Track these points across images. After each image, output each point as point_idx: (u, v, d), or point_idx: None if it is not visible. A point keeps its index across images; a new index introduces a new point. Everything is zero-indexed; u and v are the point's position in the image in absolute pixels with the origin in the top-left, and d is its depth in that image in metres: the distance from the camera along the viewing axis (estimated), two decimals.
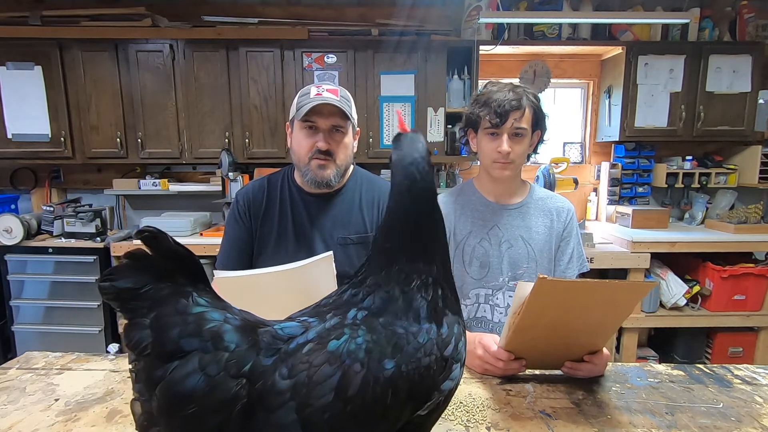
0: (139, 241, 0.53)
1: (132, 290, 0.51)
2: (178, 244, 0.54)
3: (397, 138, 0.68)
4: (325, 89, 1.22)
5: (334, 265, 0.95)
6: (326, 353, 0.55)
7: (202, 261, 2.05)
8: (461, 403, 0.96)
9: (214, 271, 0.96)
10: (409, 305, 0.61)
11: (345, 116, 1.23)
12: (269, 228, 1.33)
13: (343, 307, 0.62)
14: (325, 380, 0.53)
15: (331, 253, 0.94)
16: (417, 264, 0.63)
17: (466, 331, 1.27)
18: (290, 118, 1.31)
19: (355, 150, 1.35)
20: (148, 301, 0.51)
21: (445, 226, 0.69)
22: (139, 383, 0.52)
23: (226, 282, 0.94)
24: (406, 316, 0.60)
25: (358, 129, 1.37)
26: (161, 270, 0.53)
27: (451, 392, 0.62)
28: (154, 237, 0.51)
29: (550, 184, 2.66)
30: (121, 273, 0.51)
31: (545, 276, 0.86)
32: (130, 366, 0.53)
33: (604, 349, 1.07)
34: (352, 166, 1.39)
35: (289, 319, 0.63)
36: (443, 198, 1.45)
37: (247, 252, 1.35)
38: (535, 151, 1.38)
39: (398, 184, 0.64)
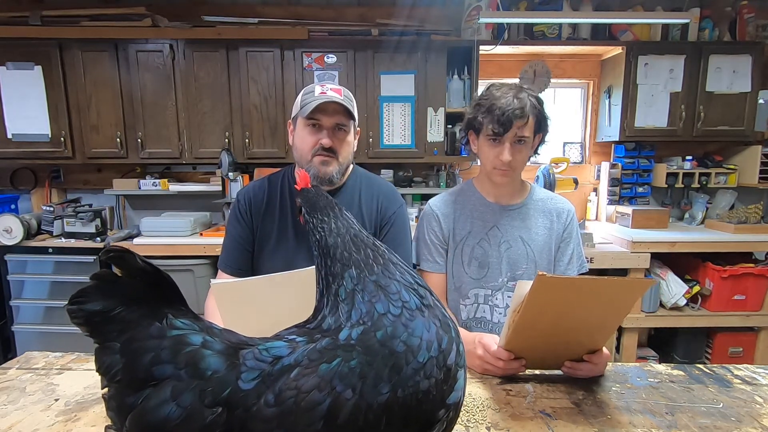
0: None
1: (102, 313, 0.48)
2: (148, 263, 0.51)
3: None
4: (330, 88, 1.24)
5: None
6: (316, 378, 0.51)
7: (202, 261, 2.08)
8: None
9: (211, 281, 0.96)
10: (397, 303, 0.58)
11: (348, 115, 1.25)
12: (270, 226, 1.34)
13: (332, 332, 0.59)
14: (314, 407, 0.50)
15: None
16: (369, 267, 0.61)
17: (466, 331, 1.28)
18: (293, 116, 1.32)
19: (354, 149, 1.36)
20: (119, 324, 0.49)
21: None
22: (111, 411, 0.50)
23: (222, 289, 0.94)
24: (401, 317, 0.57)
25: (358, 128, 1.38)
26: (133, 291, 0.50)
27: (459, 404, 0.59)
28: (120, 257, 0.49)
29: (550, 184, 2.66)
30: (90, 296, 0.48)
31: (544, 273, 0.86)
32: (102, 393, 0.50)
33: (604, 349, 1.07)
34: (351, 165, 1.40)
35: (277, 337, 0.60)
36: (443, 197, 1.45)
37: (249, 250, 1.36)
38: (535, 152, 1.37)
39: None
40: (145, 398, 0.48)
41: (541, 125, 1.29)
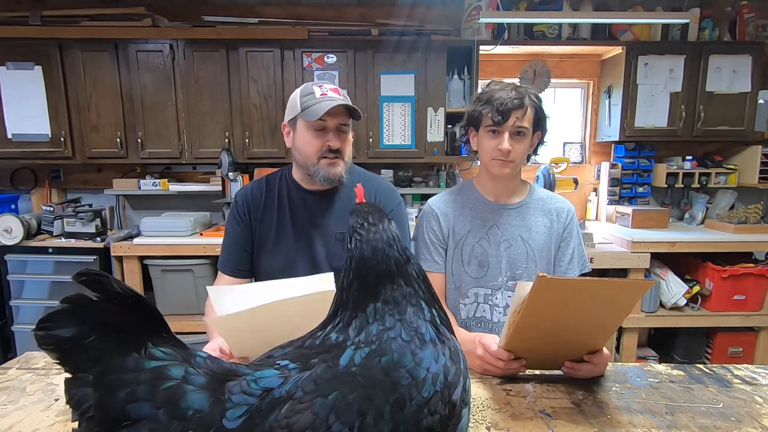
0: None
1: (73, 341, 0.42)
2: (127, 287, 0.47)
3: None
4: (328, 88, 1.25)
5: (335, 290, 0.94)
6: (310, 415, 0.46)
7: (202, 261, 2.07)
8: None
9: (207, 288, 0.96)
10: (410, 332, 0.54)
11: (349, 115, 1.27)
12: (269, 226, 1.35)
13: (333, 350, 0.54)
14: None
15: (332, 274, 0.94)
16: (400, 288, 0.57)
17: (465, 331, 1.27)
18: (291, 117, 1.31)
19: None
20: (92, 353, 0.43)
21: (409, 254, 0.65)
22: None
23: (222, 322, 0.94)
24: (411, 344, 0.53)
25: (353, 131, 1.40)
26: (109, 317, 0.44)
27: None
28: (96, 281, 0.43)
29: (550, 184, 2.66)
30: (61, 320, 0.42)
31: (544, 274, 0.86)
32: (73, 427, 0.45)
33: (604, 349, 1.07)
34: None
35: (267, 363, 0.55)
36: (442, 197, 1.45)
37: (248, 251, 1.36)
38: (535, 152, 1.38)
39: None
40: None
41: (539, 120, 1.30)
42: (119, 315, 0.45)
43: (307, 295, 0.93)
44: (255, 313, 0.94)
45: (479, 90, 1.36)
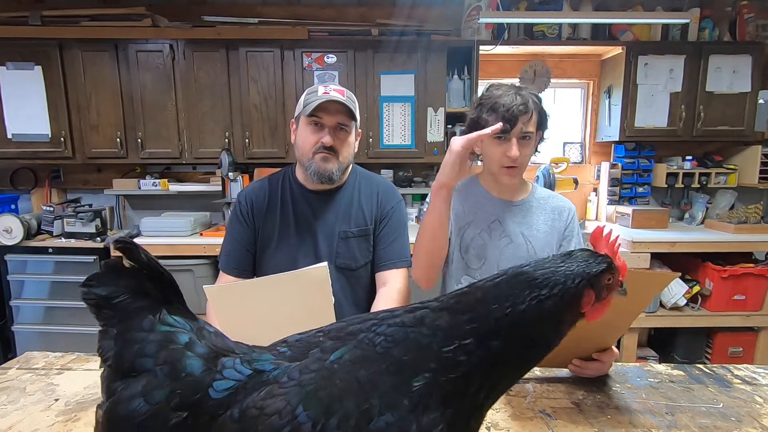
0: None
1: (106, 298, 0.51)
2: (152, 258, 0.52)
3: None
4: (333, 89, 1.27)
5: (329, 275, 0.95)
6: (282, 401, 0.48)
7: (202, 261, 2.08)
8: None
9: (204, 287, 0.96)
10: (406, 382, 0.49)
11: (350, 115, 1.28)
12: (272, 225, 1.35)
13: (341, 339, 0.54)
14: None
15: (325, 264, 0.94)
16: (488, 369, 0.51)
17: None
18: (296, 115, 1.34)
19: (355, 150, 1.38)
20: (119, 312, 0.51)
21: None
22: (102, 392, 0.51)
23: (216, 293, 0.94)
24: (396, 379, 0.48)
25: (359, 130, 1.40)
26: (136, 283, 0.51)
27: None
28: (126, 249, 0.50)
29: (550, 184, 2.66)
30: (100, 280, 0.51)
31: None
32: (101, 373, 0.52)
33: (613, 347, 1.07)
34: (351, 165, 1.42)
35: (274, 346, 0.57)
36: None
37: (251, 251, 1.37)
38: (536, 150, 1.38)
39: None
40: (122, 388, 0.48)
41: (542, 122, 1.30)
42: (144, 282, 0.52)
43: (299, 270, 0.94)
44: (250, 287, 0.95)
45: (479, 92, 1.36)
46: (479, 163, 1.41)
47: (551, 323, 0.53)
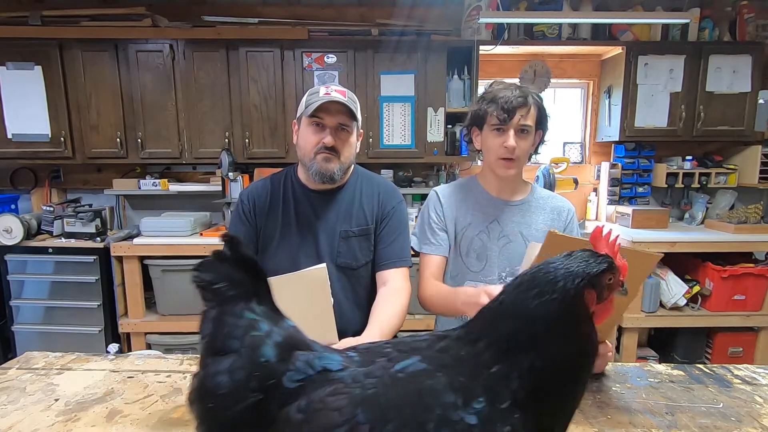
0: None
1: (209, 283, 0.57)
2: (250, 254, 0.59)
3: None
4: (334, 89, 1.27)
5: (327, 277, 0.95)
6: (345, 400, 0.51)
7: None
8: None
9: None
10: (495, 380, 0.51)
11: (351, 116, 1.28)
12: (273, 224, 1.36)
13: (406, 352, 0.57)
14: (330, 428, 0.50)
15: (324, 265, 0.94)
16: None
17: (471, 286, 1.28)
18: (298, 115, 1.35)
19: (357, 150, 1.38)
20: (218, 297, 0.57)
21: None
22: (198, 367, 0.57)
23: None
24: (462, 396, 0.50)
25: (361, 130, 1.41)
26: (235, 274, 0.57)
27: None
28: (230, 242, 0.57)
29: (550, 184, 2.67)
30: (206, 267, 0.57)
31: (555, 230, 0.86)
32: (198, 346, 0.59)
33: (607, 341, 1.07)
34: (353, 165, 1.42)
35: (344, 350, 0.61)
36: (447, 186, 1.48)
37: (253, 249, 1.37)
38: (536, 151, 1.39)
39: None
40: (212, 363, 0.54)
41: (542, 119, 1.32)
42: (242, 274, 0.58)
43: (299, 272, 0.94)
44: None
45: (481, 90, 1.38)
46: (479, 162, 1.42)
47: (564, 324, 0.53)
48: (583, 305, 0.55)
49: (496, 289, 1.07)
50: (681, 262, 2.99)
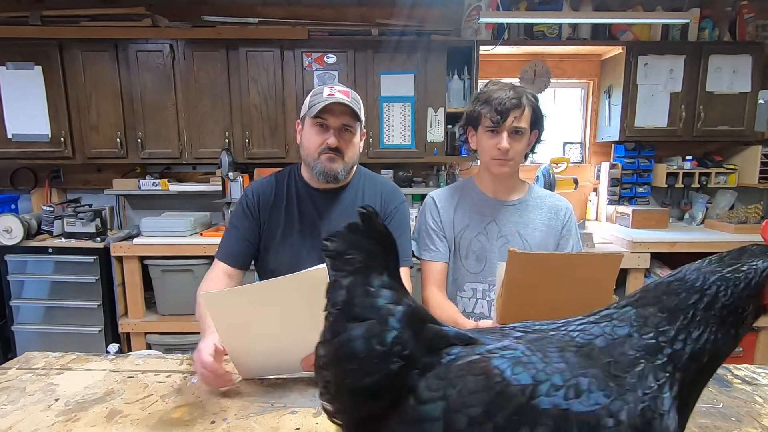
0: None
1: (340, 253, 0.58)
2: (385, 228, 0.60)
3: None
4: (338, 90, 1.28)
5: (328, 277, 0.95)
6: (492, 364, 0.53)
7: (202, 261, 2.08)
8: None
9: (200, 293, 0.95)
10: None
11: (355, 116, 1.29)
12: (276, 222, 1.37)
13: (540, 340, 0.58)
14: (477, 391, 0.51)
15: (324, 266, 0.94)
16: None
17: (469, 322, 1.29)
18: (301, 116, 1.35)
19: (360, 150, 1.39)
20: (349, 267, 0.58)
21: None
22: (326, 331, 0.58)
23: (214, 299, 0.94)
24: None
25: (364, 130, 1.41)
26: (367, 245, 0.59)
27: None
28: (367, 216, 0.58)
29: (550, 184, 2.66)
30: (338, 237, 0.59)
31: (515, 249, 0.88)
32: (324, 312, 0.59)
33: None
34: (356, 165, 1.43)
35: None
36: (443, 190, 1.48)
37: (254, 245, 1.38)
38: (532, 151, 1.39)
39: None
40: (351, 330, 0.55)
41: (537, 120, 1.32)
42: (374, 247, 0.59)
43: (299, 273, 0.94)
44: (248, 291, 0.95)
45: (478, 90, 1.38)
46: (479, 163, 1.42)
47: (738, 312, 0.56)
48: (762, 295, 0.57)
49: (488, 323, 1.10)
50: (681, 262, 2.98)
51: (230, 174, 2.87)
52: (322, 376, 0.57)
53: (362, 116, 1.32)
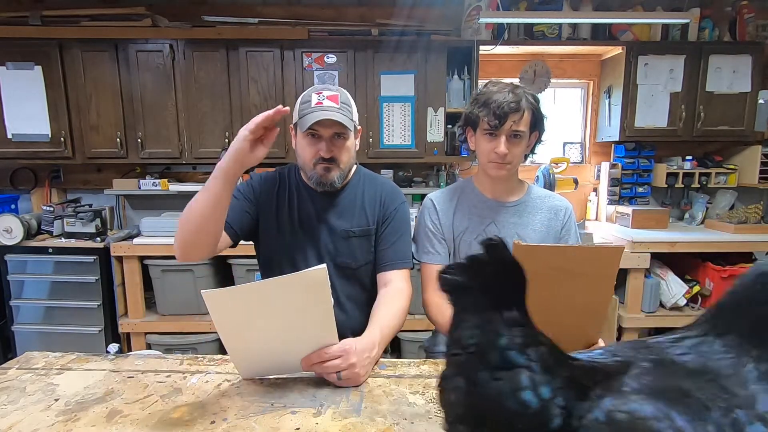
0: None
1: (460, 286, 0.53)
2: (512, 258, 0.53)
3: None
4: (326, 96, 1.25)
5: (328, 277, 0.95)
6: (649, 406, 0.47)
7: (202, 261, 2.05)
8: None
9: (202, 291, 0.95)
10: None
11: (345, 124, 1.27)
12: (273, 217, 1.36)
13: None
14: None
15: (324, 266, 0.94)
16: None
17: None
18: (293, 122, 1.34)
19: (357, 148, 1.38)
20: (474, 302, 0.52)
21: None
22: (454, 375, 0.52)
23: (214, 297, 0.94)
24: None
25: (359, 127, 1.40)
26: (495, 278, 0.53)
27: None
28: (491, 245, 0.52)
29: (550, 184, 2.67)
30: (455, 269, 0.53)
31: (519, 241, 0.88)
32: (446, 353, 0.53)
33: (600, 341, 1.07)
34: (355, 165, 1.43)
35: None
36: (442, 192, 1.47)
37: (251, 215, 1.34)
38: (532, 152, 1.38)
39: None
40: (504, 379, 0.48)
41: (537, 122, 1.30)
42: (500, 277, 0.52)
43: (298, 273, 0.94)
44: (248, 290, 0.95)
45: (477, 90, 1.37)
46: (478, 163, 1.41)
47: None
48: None
49: None
50: (681, 262, 2.99)
51: None
52: (456, 430, 0.51)
53: (355, 118, 1.31)
